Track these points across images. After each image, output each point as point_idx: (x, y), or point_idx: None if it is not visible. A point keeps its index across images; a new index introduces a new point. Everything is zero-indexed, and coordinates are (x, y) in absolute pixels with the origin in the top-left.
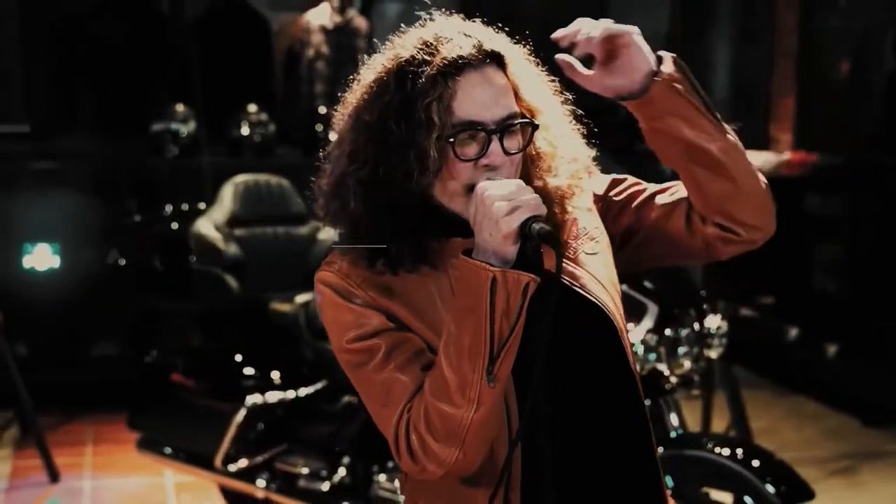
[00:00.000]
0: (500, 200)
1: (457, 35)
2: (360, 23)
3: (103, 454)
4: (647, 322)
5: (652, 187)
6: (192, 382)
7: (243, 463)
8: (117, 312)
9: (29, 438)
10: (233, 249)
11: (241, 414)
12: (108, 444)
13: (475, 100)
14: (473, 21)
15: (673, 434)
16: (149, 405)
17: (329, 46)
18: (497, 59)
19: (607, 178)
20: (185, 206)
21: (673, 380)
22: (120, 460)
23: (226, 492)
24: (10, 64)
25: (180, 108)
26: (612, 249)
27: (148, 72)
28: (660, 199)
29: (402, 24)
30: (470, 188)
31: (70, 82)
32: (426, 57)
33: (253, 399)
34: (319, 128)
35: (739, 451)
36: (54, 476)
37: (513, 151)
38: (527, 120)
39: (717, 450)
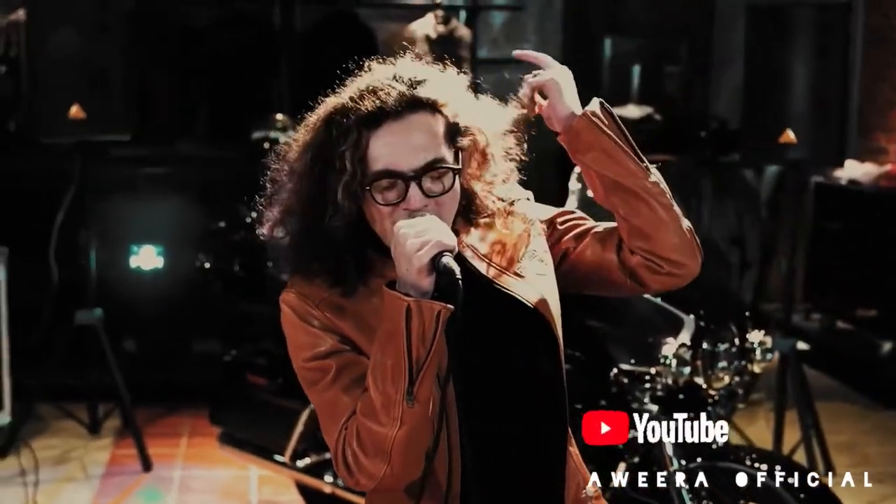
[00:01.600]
0: (412, 238)
1: (387, 85)
2: (464, 33)
3: (196, 446)
4: (684, 336)
5: (595, 223)
6: (265, 381)
7: (311, 459)
8: (217, 312)
9: (128, 430)
10: None
11: (307, 412)
12: (202, 437)
13: (391, 150)
14: (432, 62)
15: (714, 446)
16: (227, 402)
17: (433, 56)
18: (426, 106)
19: (555, 209)
20: None
21: (713, 393)
22: (211, 452)
23: (300, 486)
24: (118, 74)
25: (280, 116)
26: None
27: (257, 82)
28: (597, 230)
29: (506, 34)
30: None
31: (182, 91)
32: (354, 105)
33: None
34: None
35: (778, 468)
36: (147, 465)
37: (434, 194)
38: (447, 166)
39: (756, 465)
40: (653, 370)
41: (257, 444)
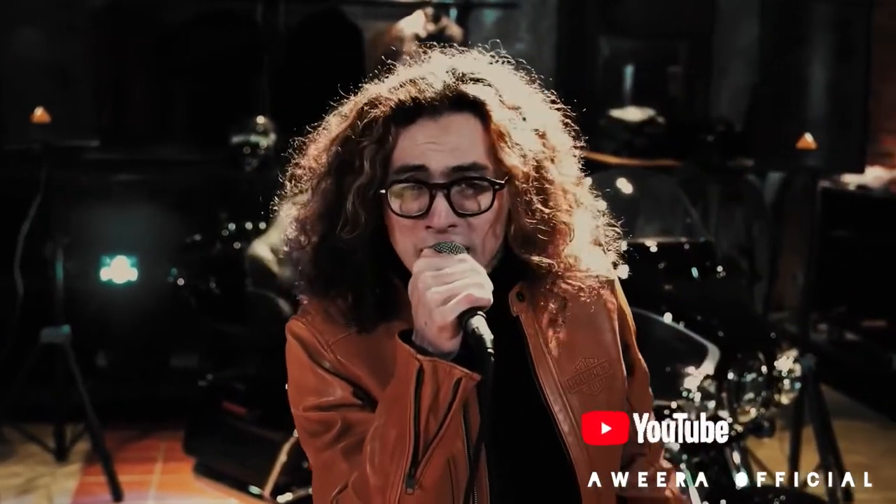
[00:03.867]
0: (436, 286)
1: (434, 75)
2: (455, 31)
3: (172, 472)
4: (708, 366)
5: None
6: (243, 410)
7: (293, 493)
8: (195, 326)
9: (97, 455)
10: (287, 273)
11: (290, 443)
12: (177, 462)
13: (420, 150)
14: (492, 59)
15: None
16: (203, 431)
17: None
18: (473, 108)
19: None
20: (248, 225)
21: (738, 427)
22: (187, 480)
23: None
24: (85, 75)
25: (261, 120)
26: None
27: (237, 83)
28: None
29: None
30: (420, 251)
31: (157, 93)
32: (389, 96)
33: None
34: None
35: None
36: (118, 494)
37: (466, 212)
38: (487, 178)
39: None
40: (674, 404)
41: (235, 476)
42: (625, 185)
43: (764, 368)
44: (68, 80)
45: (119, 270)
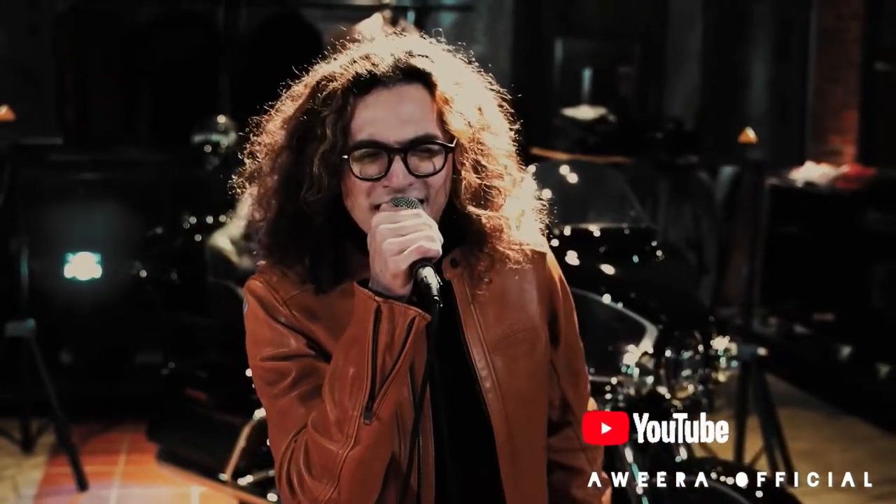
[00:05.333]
0: (391, 237)
1: (384, 52)
2: (413, 34)
3: (135, 463)
4: (646, 344)
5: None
6: (204, 396)
7: (253, 476)
8: (157, 323)
9: (62, 447)
10: (246, 263)
11: (250, 426)
12: (140, 454)
13: (377, 119)
14: (429, 40)
15: (677, 459)
16: (165, 417)
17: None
18: (421, 78)
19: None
20: (209, 219)
21: (676, 403)
22: (150, 470)
23: None
24: (49, 75)
25: (221, 119)
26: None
27: (199, 83)
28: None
29: (456, 35)
30: (376, 207)
31: (120, 93)
32: (344, 71)
33: (262, 412)
34: None
35: (741, 478)
36: (83, 484)
37: (421, 173)
38: (439, 142)
39: (719, 477)
40: (614, 380)
41: (197, 461)
42: (569, 174)
43: (701, 347)
44: (33, 79)
45: (83, 267)
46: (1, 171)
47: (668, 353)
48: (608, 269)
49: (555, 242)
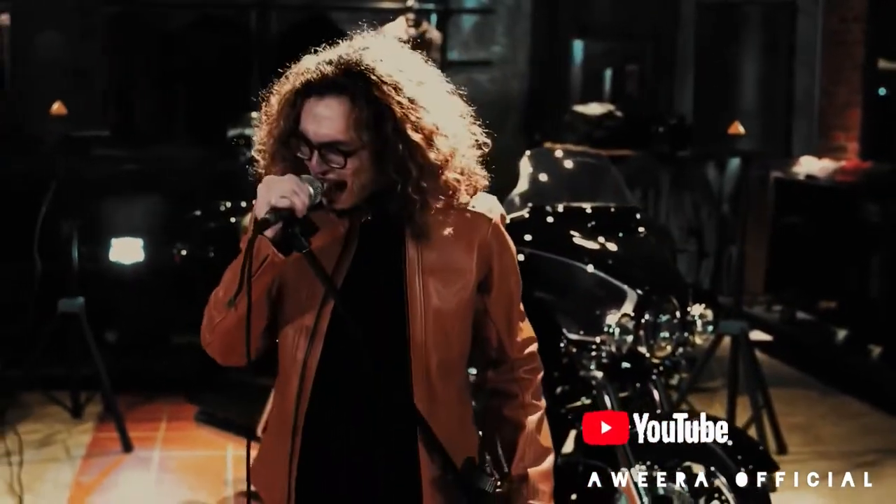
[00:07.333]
0: (262, 194)
1: (323, 63)
2: (434, 35)
3: (175, 430)
4: (627, 307)
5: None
6: None
7: None
8: (195, 304)
9: (109, 415)
10: None
11: None
12: (180, 422)
13: (307, 120)
14: (392, 42)
15: (658, 411)
16: (203, 381)
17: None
18: (345, 91)
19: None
20: (242, 203)
21: (655, 361)
22: (189, 436)
23: None
24: (98, 75)
25: (255, 115)
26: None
27: (233, 82)
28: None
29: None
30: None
31: (161, 92)
32: (302, 74)
33: None
34: None
35: (717, 430)
36: (128, 446)
37: (334, 166)
38: (342, 149)
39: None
40: (598, 339)
41: (232, 421)
42: (563, 160)
43: (678, 313)
44: (85, 78)
45: (126, 251)
46: (54, 160)
47: (647, 316)
48: (595, 243)
49: (549, 219)
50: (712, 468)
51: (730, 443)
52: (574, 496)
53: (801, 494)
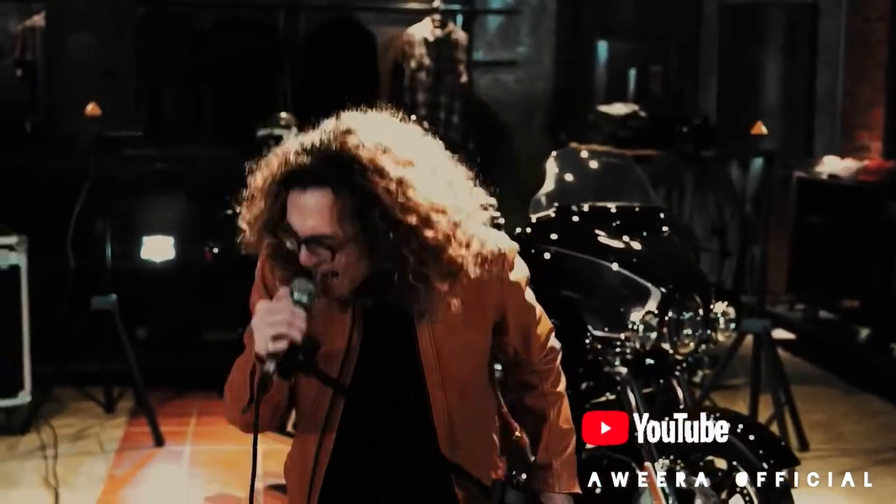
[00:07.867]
0: (258, 329)
1: (304, 154)
2: (460, 36)
3: (205, 425)
4: (650, 305)
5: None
6: None
7: None
8: (225, 301)
9: (141, 410)
10: None
11: None
12: (210, 417)
13: (292, 213)
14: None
15: (681, 406)
16: None
17: (430, 58)
18: (328, 185)
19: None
20: None
21: (679, 357)
22: (219, 430)
23: None
24: (130, 75)
25: (284, 115)
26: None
27: (262, 83)
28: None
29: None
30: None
31: (191, 92)
32: (284, 161)
33: None
34: None
35: (739, 426)
36: (159, 441)
37: (321, 259)
38: (327, 243)
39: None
40: (622, 336)
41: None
42: (588, 160)
43: (701, 310)
44: (117, 78)
45: (158, 249)
46: (87, 160)
47: (670, 313)
48: (620, 242)
49: (575, 218)
50: (734, 462)
51: (752, 438)
52: (598, 490)
53: (822, 491)
